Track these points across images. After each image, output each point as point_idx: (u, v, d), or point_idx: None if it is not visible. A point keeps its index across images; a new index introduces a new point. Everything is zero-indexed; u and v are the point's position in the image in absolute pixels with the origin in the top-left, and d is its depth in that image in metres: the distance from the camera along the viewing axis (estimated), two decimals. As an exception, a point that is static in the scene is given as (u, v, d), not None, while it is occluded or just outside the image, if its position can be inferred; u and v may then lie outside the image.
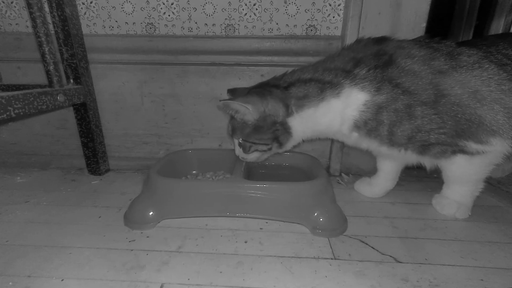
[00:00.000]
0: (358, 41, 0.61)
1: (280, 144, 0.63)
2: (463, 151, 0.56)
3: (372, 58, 0.56)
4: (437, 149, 0.57)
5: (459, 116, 0.52)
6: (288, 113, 0.60)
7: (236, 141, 0.67)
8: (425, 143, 0.56)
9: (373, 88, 0.54)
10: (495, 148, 0.54)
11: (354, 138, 0.61)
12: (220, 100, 0.60)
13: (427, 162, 0.62)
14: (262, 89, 0.62)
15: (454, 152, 0.57)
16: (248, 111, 0.59)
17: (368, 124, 0.57)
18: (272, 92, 0.60)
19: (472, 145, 0.55)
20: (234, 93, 0.69)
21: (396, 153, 0.59)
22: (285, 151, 0.69)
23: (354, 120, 0.57)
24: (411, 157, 0.60)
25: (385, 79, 0.54)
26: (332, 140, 0.84)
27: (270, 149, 0.64)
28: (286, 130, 0.61)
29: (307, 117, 0.59)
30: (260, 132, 0.61)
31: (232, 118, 0.65)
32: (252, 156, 0.66)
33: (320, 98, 0.57)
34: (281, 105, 0.59)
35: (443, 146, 0.56)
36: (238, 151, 0.67)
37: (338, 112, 0.58)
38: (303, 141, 0.66)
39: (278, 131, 0.61)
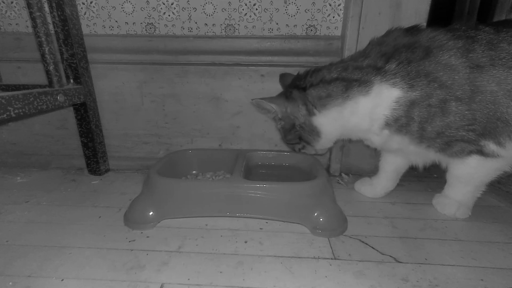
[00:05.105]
0: (388, 32, 0.59)
1: (308, 143, 0.66)
2: (480, 152, 0.55)
3: (405, 52, 0.54)
4: (459, 147, 0.55)
5: (491, 114, 0.51)
6: (310, 113, 0.62)
7: None
8: (452, 139, 0.55)
9: (406, 83, 0.53)
10: (510, 154, 0.54)
11: (384, 136, 0.59)
12: (252, 99, 0.65)
13: (443, 160, 0.62)
14: (286, 90, 0.66)
15: (470, 153, 0.56)
16: (273, 110, 0.65)
17: (399, 121, 0.55)
18: (293, 92, 0.63)
19: (491, 146, 0.54)
20: (284, 78, 0.72)
21: (419, 150, 0.59)
22: (320, 152, 0.71)
23: (385, 119, 0.56)
24: (430, 155, 0.60)
25: (420, 74, 0.52)
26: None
27: (304, 147, 0.68)
28: (312, 130, 0.63)
29: (333, 117, 0.60)
30: (289, 133, 0.67)
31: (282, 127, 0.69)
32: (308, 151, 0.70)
33: (344, 97, 0.57)
34: (300, 105, 0.62)
35: (464, 143, 0.55)
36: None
37: (367, 111, 0.57)
38: (335, 142, 0.68)
39: (298, 132, 0.65)
